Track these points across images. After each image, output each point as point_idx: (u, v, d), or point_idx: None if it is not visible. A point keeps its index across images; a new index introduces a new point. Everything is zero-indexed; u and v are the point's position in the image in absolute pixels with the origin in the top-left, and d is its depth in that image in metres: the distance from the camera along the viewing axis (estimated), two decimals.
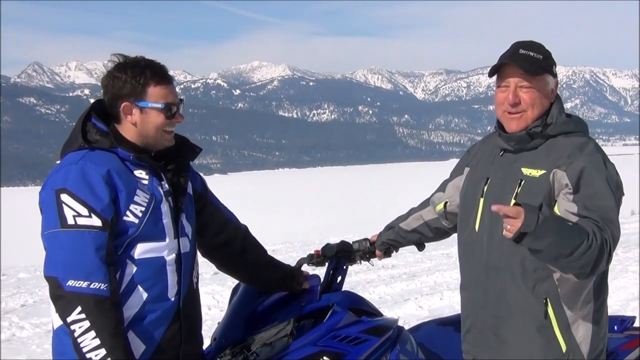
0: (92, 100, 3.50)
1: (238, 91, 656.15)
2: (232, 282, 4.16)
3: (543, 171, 3.36)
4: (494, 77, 3.60)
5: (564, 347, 3.37)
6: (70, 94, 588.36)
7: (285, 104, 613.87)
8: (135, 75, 3.31)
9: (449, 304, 10.62)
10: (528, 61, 3.44)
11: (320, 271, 4.26)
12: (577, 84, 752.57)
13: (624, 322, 4.56)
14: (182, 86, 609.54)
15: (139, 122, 3.35)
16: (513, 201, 3.37)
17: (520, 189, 3.40)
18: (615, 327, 4.41)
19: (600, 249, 3.06)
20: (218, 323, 3.99)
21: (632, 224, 22.03)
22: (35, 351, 8.32)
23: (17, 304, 11.01)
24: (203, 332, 3.68)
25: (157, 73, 3.35)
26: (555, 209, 3.31)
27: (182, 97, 3.46)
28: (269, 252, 4.14)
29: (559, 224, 2.98)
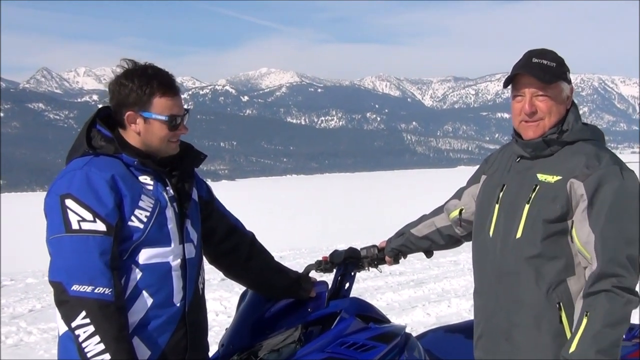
0: (100, 107, 3.52)
1: (246, 97, 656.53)
2: (239, 288, 4.16)
3: (559, 177, 3.37)
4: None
5: None
6: (79, 100, 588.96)
7: (293, 111, 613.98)
8: (142, 84, 3.32)
9: (457, 311, 10.62)
10: (542, 70, 3.45)
11: (328, 278, 4.26)
12: (586, 91, 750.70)
13: (632, 330, 4.54)
14: (190, 92, 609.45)
15: (142, 132, 3.37)
16: (527, 206, 3.41)
17: (534, 194, 3.41)
18: (624, 335, 4.39)
19: (625, 302, 3.22)
20: (225, 329, 3.99)
21: None
22: (43, 356, 8.35)
23: (25, 309, 11.05)
24: (210, 339, 3.68)
25: (163, 84, 3.35)
26: (573, 232, 3.34)
27: (187, 108, 3.47)
28: (277, 259, 4.14)
29: (593, 339, 3.16)
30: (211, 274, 10.94)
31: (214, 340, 3.78)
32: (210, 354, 3.78)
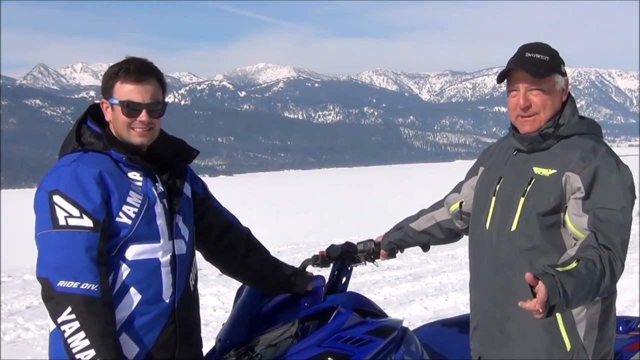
0: (92, 103, 3.53)
1: (243, 93, 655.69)
2: (236, 283, 4.17)
3: (554, 170, 3.39)
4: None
5: (568, 346, 3.39)
6: (76, 96, 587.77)
7: (290, 106, 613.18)
8: (110, 73, 3.38)
9: (454, 305, 10.63)
10: (534, 64, 3.46)
11: (325, 272, 4.26)
12: (583, 85, 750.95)
13: (629, 322, 4.56)
14: (187, 88, 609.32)
15: (112, 119, 3.40)
16: (522, 199, 3.43)
17: (530, 187, 3.44)
18: (620, 328, 4.41)
19: (610, 272, 3.10)
20: (223, 324, 4.00)
21: (636, 225, 21.93)
22: (41, 353, 8.33)
23: (22, 305, 11.03)
24: (208, 334, 3.68)
25: (127, 71, 3.36)
26: (566, 218, 3.35)
27: (159, 101, 3.43)
28: (274, 254, 4.16)
29: (573, 278, 2.96)
30: (208, 269, 10.92)
31: (212, 336, 3.78)
32: (208, 349, 3.79)
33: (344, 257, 4.35)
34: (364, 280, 12.61)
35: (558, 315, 3.35)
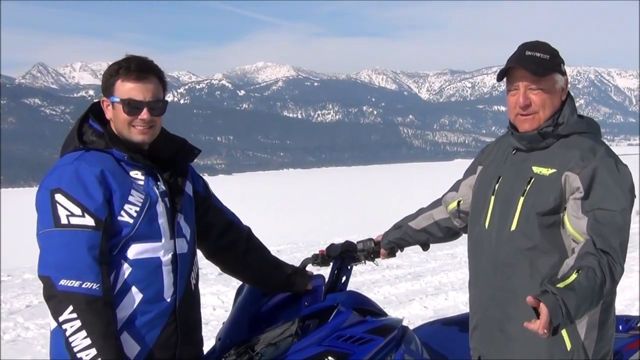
0: (94, 102, 3.53)
1: (242, 92, 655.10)
2: (236, 282, 4.17)
3: (553, 170, 3.39)
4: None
5: (568, 346, 3.38)
6: (75, 95, 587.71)
7: (289, 105, 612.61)
8: (111, 71, 3.37)
9: (454, 304, 10.62)
10: (535, 63, 3.46)
11: (325, 271, 4.26)
12: (582, 84, 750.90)
13: (629, 321, 4.56)
14: (186, 87, 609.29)
15: (113, 118, 3.40)
16: (521, 198, 3.43)
17: (529, 187, 3.44)
18: (620, 327, 4.40)
19: (611, 277, 3.10)
20: (223, 323, 4.00)
21: (636, 224, 21.90)
22: (40, 352, 8.34)
23: (22, 304, 11.02)
24: (208, 333, 3.68)
25: (128, 69, 3.35)
26: (565, 219, 3.35)
27: (160, 99, 3.43)
28: (274, 253, 4.15)
29: (574, 292, 2.96)
30: (208, 268, 10.93)
31: (212, 335, 3.78)
32: (207, 348, 3.79)
33: (343, 256, 4.35)
34: (363, 279, 12.60)
35: None
